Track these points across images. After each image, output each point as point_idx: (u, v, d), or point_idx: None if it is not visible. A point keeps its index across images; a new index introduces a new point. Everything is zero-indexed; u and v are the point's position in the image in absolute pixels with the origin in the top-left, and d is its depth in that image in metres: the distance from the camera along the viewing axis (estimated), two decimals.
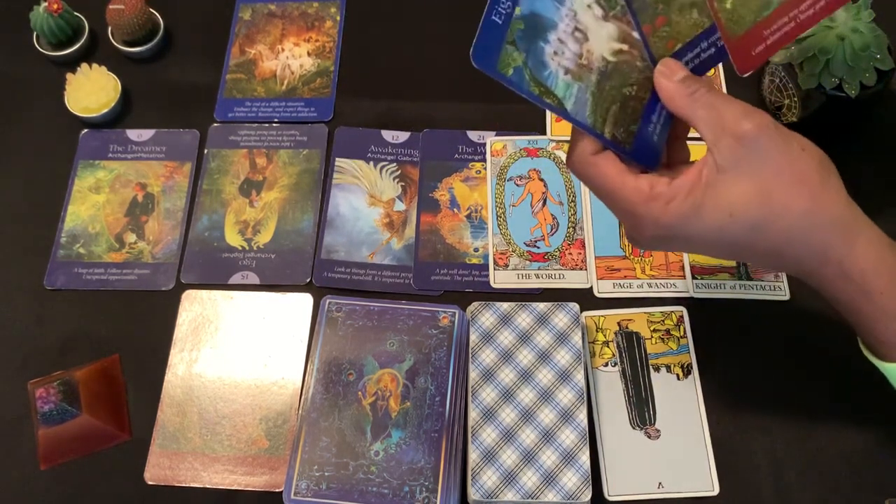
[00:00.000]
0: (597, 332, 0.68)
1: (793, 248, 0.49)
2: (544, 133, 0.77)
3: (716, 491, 0.62)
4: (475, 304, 0.65)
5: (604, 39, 0.49)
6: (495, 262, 0.72)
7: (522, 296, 0.70)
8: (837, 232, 0.49)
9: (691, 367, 0.66)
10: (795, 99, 0.70)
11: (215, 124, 0.80)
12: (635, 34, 0.50)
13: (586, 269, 0.71)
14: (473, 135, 0.78)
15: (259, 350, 0.69)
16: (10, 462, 0.65)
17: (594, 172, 0.50)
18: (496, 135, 0.77)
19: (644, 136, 0.51)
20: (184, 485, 0.64)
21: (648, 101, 0.51)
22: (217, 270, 0.72)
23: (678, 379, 0.66)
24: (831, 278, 0.51)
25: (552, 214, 0.74)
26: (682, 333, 0.68)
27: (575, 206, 0.74)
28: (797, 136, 0.49)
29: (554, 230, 0.73)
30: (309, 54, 0.83)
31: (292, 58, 0.83)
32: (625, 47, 0.50)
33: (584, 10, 0.49)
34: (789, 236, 0.49)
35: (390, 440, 0.59)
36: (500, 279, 0.71)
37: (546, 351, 0.63)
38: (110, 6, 0.80)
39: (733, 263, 0.70)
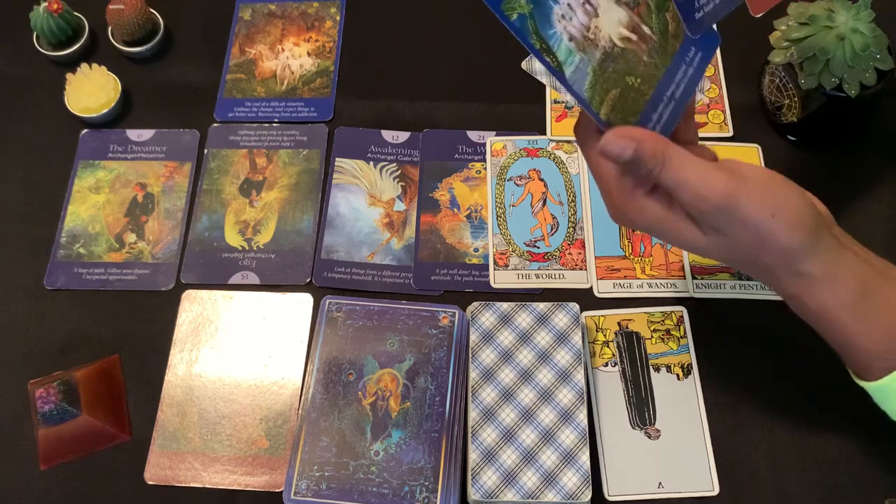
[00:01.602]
0: (597, 332, 0.68)
1: (756, 278, 0.53)
2: (544, 133, 0.77)
3: (716, 491, 0.62)
4: (475, 304, 0.65)
5: (613, 22, 0.48)
6: (495, 262, 0.72)
7: (522, 296, 0.70)
8: (802, 281, 0.50)
9: (691, 367, 0.66)
10: (795, 99, 0.70)
11: (215, 124, 0.80)
12: (645, 29, 0.49)
13: (586, 269, 0.71)
14: (473, 135, 0.78)
15: (259, 350, 0.69)
16: (10, 462, 0.65)
17: (591, 151, 0.50)
18: (496, 135, 0.77)
19: None
20: (184, 485, 0.64)
21: (650, 100, 0.50)
22: (217, 270, 0.72)
23: (678, 379, 0.66)
24: (796, 309, 0.53)
25: (552, 214, 0.74)
26: (682, 333, 0.68)
27: (575, 206, 0.74)
28: (763, 197, 0.47)
29: (554, 230, 0.73)
30: (309, 54, 0.83)
31: (292, 58, 0.83)
32: (633, 37, 0.49)
33: None
34: (752, 273, 0.53)
35: (390, 440, 0.59)
36: (500, 279, 0.71)
37: (546, 351, 0.63)
38: (110, 6, 0.80)
39: None
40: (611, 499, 0.62)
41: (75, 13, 0.83)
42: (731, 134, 0.76)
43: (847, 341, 0.51)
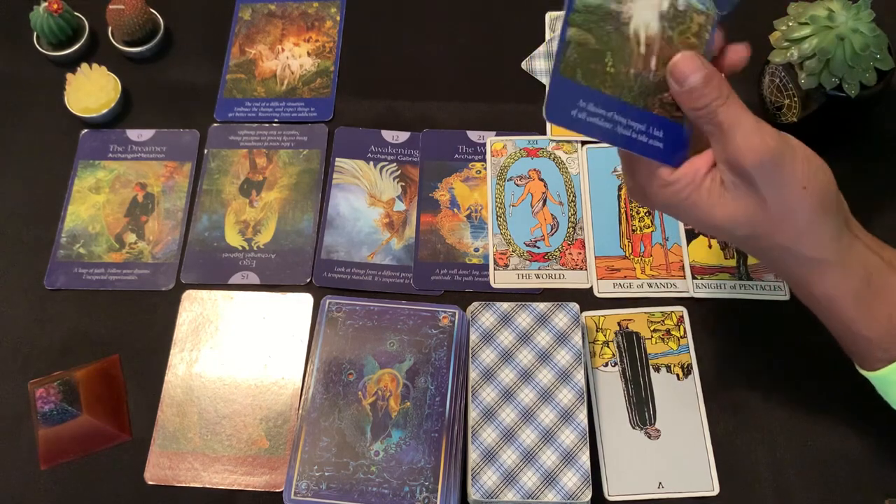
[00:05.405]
0: (597, 332, 0.68)
1: (767, 263, 0.55)
2: (544, 133, 0.77)
3: (716, 491, 0.62)
4: (475, 304, 0.65)
5: (642, 18, 0.48)
6: (495, 262, 0.72)
7: (522, 296, 0.70)
8: (812, 266, 0.51)
9: (691, 367, 0.66)
10: (795, 99, 0.70)
11: (215, 124, 0.80)
12: (652, 62, 0.49)
13: (586, 269, 0.71)
14: (473, 135, 0.78)
15: (259, 350, 0.69)
16: (10, 462, 0.65)
17: None
18: (496, 135, 0.77)
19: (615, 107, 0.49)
20: (184, 485, 0.64)
21: (608, 96, 0.49)
22: (217, 270, 0.72)
23: (678, 379, 0.66)
24: (802, 295, 0.54)
25: (552, 214, 0.74)
26: (682, 333, 0.68)
27: (575, 206, 0.74)
28: (803, 166, 0.48)
29: (554, 230, 0.73)
30: (309, 54, 0.83)
31: (292, 58, 0.83)
32: (642, 49, 0.49)
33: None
34: (764, 257, 0.54)
35: (390, 440, 0.59)
36: (500, 279, 0.71)
37: (546, 351, 0.63)
38: (110, 6, 0.80)
39: (733, 263, 0.70)
40: (611, 499, 0.62)
41: (75, 13, 0.83)
42: None
43: (849, 329, 0.52)
